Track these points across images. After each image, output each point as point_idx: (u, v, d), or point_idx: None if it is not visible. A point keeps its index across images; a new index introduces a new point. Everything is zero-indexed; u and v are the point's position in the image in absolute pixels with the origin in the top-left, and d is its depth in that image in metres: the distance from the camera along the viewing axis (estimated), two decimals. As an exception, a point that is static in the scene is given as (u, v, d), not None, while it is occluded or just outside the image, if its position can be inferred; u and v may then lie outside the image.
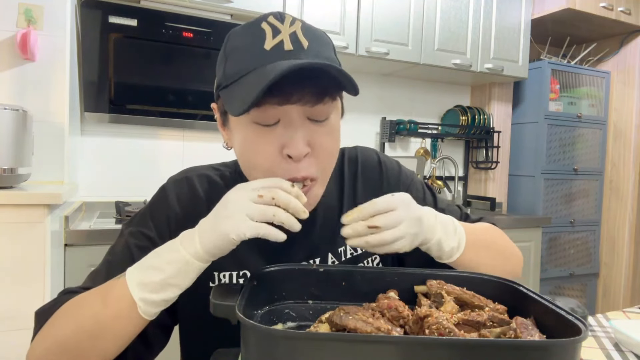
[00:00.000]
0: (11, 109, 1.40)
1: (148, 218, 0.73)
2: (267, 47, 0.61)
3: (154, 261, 0.58)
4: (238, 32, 0.67)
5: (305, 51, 0.62)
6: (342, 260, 0.78)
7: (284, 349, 0.45)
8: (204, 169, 0.80)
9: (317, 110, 0.63)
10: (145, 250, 0.70)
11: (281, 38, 0.62)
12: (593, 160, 3.02)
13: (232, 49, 0.65)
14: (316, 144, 0.64)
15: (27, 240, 1.33)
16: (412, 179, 0.87)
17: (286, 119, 0.62)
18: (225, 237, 0.55)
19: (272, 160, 0.64)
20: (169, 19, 1.97)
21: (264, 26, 0.63)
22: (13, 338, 1.32)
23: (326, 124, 0.66)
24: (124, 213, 1.85)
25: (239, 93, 0.61)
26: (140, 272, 0.58)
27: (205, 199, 0.75)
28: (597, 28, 2.95)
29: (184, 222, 0.70)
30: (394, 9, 2.35)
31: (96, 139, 2.10)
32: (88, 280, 0.71)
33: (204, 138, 2.29)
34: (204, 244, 0.56)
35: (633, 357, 0.83)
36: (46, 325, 0.62)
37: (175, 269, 0.57)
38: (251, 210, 0.55)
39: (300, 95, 0.61)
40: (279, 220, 0.55)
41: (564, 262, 2.91)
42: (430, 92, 2.94)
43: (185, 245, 0.57)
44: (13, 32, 1.58)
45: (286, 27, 0.63)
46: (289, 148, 0.62)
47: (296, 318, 0.64)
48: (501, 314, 0.57)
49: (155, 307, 0.58)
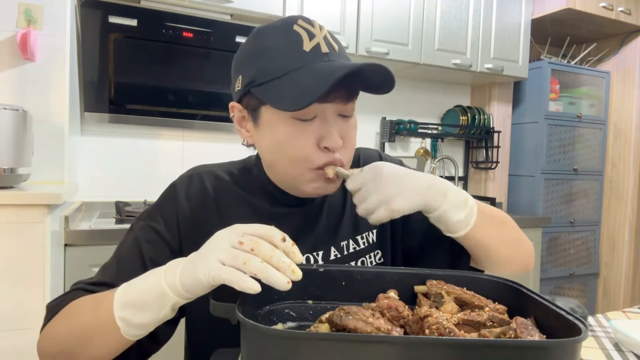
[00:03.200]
0: (11, 109, 1.40)
1: (157, 213, 0.76)
2: (307, 49, 0.67)
3: (139, 281, 0.58)
4: (268, 32, 0.70)
5: (337, 54, 0.70)
6: (344, 254, 0.80)
7: (284, 349, 0.45)
8: (213, 166, 0.83)
9: (347, 108, 0.71)
10: (153, 243, 0.73)
11: (317, 41, 0.68)
12: (593, 160, 3.02)
13: (266, 47, 0.69)
14: (346, 137, 0.72)
15: (27, 240, 1.33)
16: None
17: (322, 115, 0.69)
18: (195, 277, 0.52)
19: (309, 151, 0.69)
20: (169, 19, 1.97)
21: (297, 29, 0.68)
22: (13, 338, 1.32)
23: (351, 119, 0.74)
24: (124, 213, 1.85)
25: (288, 90, 0.65)
26: (125, 291, 0.58)
27: (213, 195, 0.78)
28: (597, 28, 2.95)
29: (192, 218, 0.74)
30: (394, 9, 2.35)
31: (96, 139, 2.10)
32: (99, 274, 0.73)
33: (204, 138, 2.29)
34: (182, 278, 0.54)
35: (633, 357, 0.83)
36: (51, 322, 0.65)
37: (152, 296, 0.55)
38: (224, 254, 0.51)
39: (337, 94, 0.68)
40: (249, 270, 0.49)
41: (564, 262, 2.91)
42: (430, 92, 2.94)
43: (167, 275, 0.55)
44: (13, 32, 1.58)
45: (317, 30, 0.69)
46: (327, 141, 0.69)
47: (296, 318, 0.64)
48: (501, 314, 0.57)
49: (136, 329, 0.57)
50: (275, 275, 0.49)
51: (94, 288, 0.69)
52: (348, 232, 0.81)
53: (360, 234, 0.82)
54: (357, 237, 0.82)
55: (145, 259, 0.72)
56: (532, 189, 2.85)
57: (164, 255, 0.72)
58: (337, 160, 0.70)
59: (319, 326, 0.55)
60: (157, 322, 0.57)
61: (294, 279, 0.50)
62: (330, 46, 0.69)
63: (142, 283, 0.57)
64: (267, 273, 0.49)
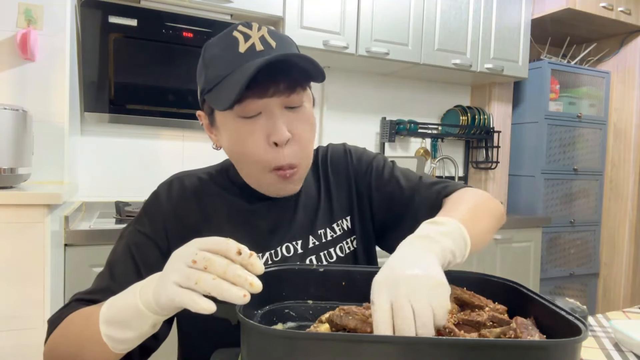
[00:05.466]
0: (11, 109, 1.40)
1: (143, 217, 0.78)
2: (242, 50, 0.70)
3: (119, 298, 0.57)
4: (213, 42, 0.74)
5: (274, 49, 0.71)
6: (322, 242, 0.82)
7: (284, 349, 0.45)
8: (192, 171, 0.87)
9: (292, 99, 0.71)
10: (143, 247, 0.75)
11: (252, 41, 0.70)
12: (593, 160, 3.02)
13: (210, 57, 0.73)
14: (296, 129, 0.72)
15: (27, 240, 1.33)
16: (374, 156, 0.93)
17: (267, 111, 0.71)
18: (159, 299, 0.51)
19: (259, 148, 0.71)
20: (169, 19, 1.97)
21: (235, 34, 0.71)
22: (13, 338, 1.32)
23: (301, 111, 0.74)
24: (124, 213, 1.85)
25: (223, 92, 0.68)
26: (108, 308, 0.57)
27: (193, 193, 0.81)
28: (597, 28, 2.95)
29: (175, 217, 0.77)
30: (394, 9, 2.35)
31: (96, 139, 2.10)
32: (94, 283, 0.74)
33: (204, 138, 2.29)
34: (155, 297, 0.52)
35: (633, 357, 0.83)
36: (51, 336, 0.67)
37: (131, 315, 0.54)
38: (177, 276, 0.50)
39: (276, 88, 0.69)
40: (202, 289, 0.48)
41: (564, 262, 2.91)
42: (430, 92, 2.94)
43: (142, 294, 0.54)
44: (13, 32, 1.58)
45: (254, 32, 0.71)
46: (273, 135, 0.70)
47: (296, 318, 0.64)
48: (501, 314, 0.57)
49: (122, 344, 0.56)
50: (229, 290, 0.47)
51: (91, 297, 0.70)
52: (324, 220, 0.85)
53: (336, 221, 0.86)
54: (333, 225, 0.85)
55: (138, 262, 0.73)
56: (532, 189, 2.85)
57: (154, 256, 0.74)
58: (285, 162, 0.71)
59: (319, 326, 0.55)
60: (142, 337, 0.56)
61: (253, 291, 0.48)
62: (267, 44, 0.70)
63: (121, 301, 0.56)
64: (221, 290, 0.47)
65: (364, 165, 0.91)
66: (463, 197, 0.76)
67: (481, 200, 0.77)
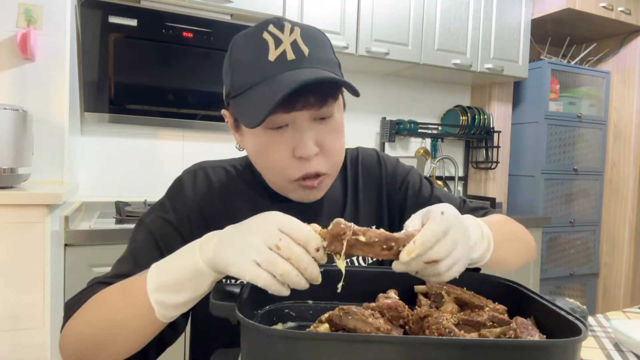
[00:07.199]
0: (11, 109, 1.40)
1: (167, 205, 0.77)
2: (271, 59, 0.65)
3: (171, 260, 0.58)
4: (241, 43, 0.70)
5: (307, 59, 0.66)
6: None
7: (284, 349, 0.45)
8: (217, 161, 0.84)
9: (322, 111, 0.68)
10: (167, 235, 0.73)
11: (283, 48, 0.65)
12: (593, 160, 3.02)
13: (236, 60, 0.69)
14: (324, 142, 0.69)
15: (27, 240, 1.33)
16: (409, 170, 0.91)
17: (294, 123, 0.67)
18: (226, 266, 0.52)
19: (284, 162, 0.68)
20: (169, 19, 1.97)
21: (265, 36, 0.66)
22: (13, 338, 1.32)
23: (331, 122, 0.70)
24: (124, 213, 1.85)
25: (249, 105, 0.65)
26: (158, 272, 0.57)
27: (218, 187, 0.79)
28: (597, 28, 2.95)
29: (199, 209, 0.76)
30: (394, 9, 2.35)
31: (96, 139, 2.10)
32: (115, 268, 0.72)
33: (204, 138, 2.29)
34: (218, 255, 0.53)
35: (633, 357, 0.83)
36: (72, 318, 0.64)
37: (189, 275, 0.55)
38: (259, 256, 0.50)
39: (305, 102, 0.65)
40: (285, 281, 0.50)
41: (564, 262, 2.91)
42: (430, 92, 2.94)
43: (202, 250, 0.55)
44: (13, 32, 1.58)
45: (286, 35, 0.66)
46: (299, 150, 0.67)
47: (296, 318, 0.64)
48: (501, 314, 0.57)
49: (172, 311, 0.57)
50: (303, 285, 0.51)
51: (114, 281, 0.68)
52: None
53: None
54: None
55: (162, 249, 0.72)
56: (532, 189, 2.85)
57: (178, 244, 0.71)
58: (312, 170, 0.68)
59: (319, 326, 0.55)
60: (195, 300, 0.57)
61: (315, 284, 0.52)
62: (299, 51, 0.65)
63: (175, 263, 0.57)
64: (297, 284, 0.51)
65: (398, 179, 0.88)
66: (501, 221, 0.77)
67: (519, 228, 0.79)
